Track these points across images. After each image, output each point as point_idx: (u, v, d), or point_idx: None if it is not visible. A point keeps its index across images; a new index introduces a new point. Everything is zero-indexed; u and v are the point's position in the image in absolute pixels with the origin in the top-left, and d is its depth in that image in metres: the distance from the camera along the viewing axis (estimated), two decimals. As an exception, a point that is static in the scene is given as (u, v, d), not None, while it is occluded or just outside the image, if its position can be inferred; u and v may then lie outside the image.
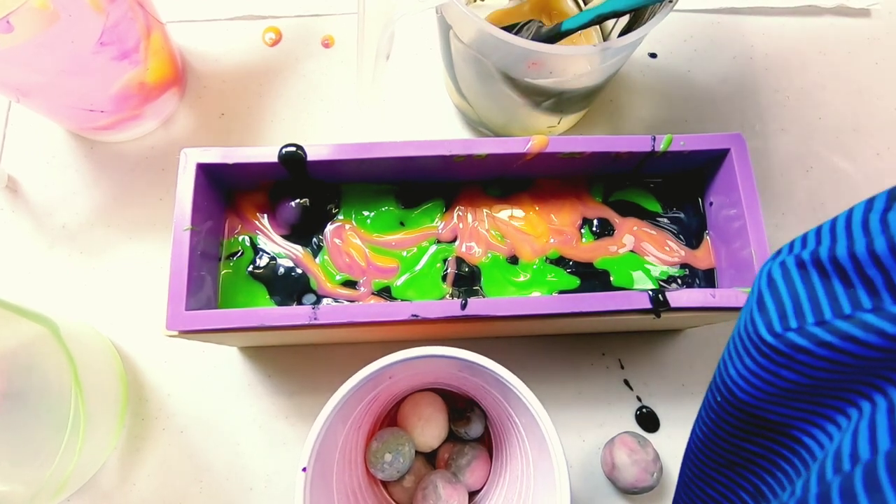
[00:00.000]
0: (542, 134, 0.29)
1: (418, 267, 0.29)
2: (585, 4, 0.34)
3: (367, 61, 0.27)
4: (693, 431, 0.20)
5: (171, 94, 0.36)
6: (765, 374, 0.15)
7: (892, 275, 0.13)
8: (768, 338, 0.15)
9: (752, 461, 0.18)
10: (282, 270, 0.29)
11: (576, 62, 0.27)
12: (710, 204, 0.30)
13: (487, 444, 0.31)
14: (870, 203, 0.14)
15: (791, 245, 0.16)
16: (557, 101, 0.30)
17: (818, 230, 0.15)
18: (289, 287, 0.29)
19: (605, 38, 0.34)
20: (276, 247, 0.29)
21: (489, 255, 0.30)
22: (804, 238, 0.16)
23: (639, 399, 0.33)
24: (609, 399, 0.33)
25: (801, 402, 0.15)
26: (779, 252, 0.16)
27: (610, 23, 0.33)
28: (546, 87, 0.29)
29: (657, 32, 0.38)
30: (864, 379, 0.14)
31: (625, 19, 0.31)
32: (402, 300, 0.29)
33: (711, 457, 0.19)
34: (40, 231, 0.34)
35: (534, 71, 0.27)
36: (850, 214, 0.14)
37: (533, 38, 0.28)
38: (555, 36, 0.29)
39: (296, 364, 0.33)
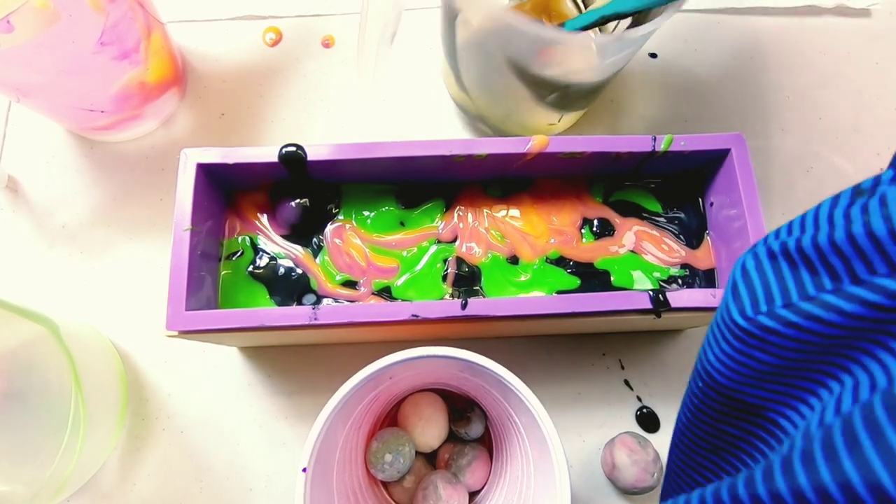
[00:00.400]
0: (541, 132, 0.29)
1: (418, 267, 0.29)
2: (586, 7, 0.34)
3: (367, 54, 0.27)
4: (678, 420, 0.21)
5: (172, 94, 0.36)
6: (740, 356, 0.16)
7: (852, 262, 0.14)
8: (741, 321, 0.16)
9: (733, 444, 0.19)
10: (282, 270, 0.29)
11: (586, 53, 0.27)
12: (711, 204, 0.30)
13: (488, 444, 0.31)
14: (836, 199, 0.15)
15: (766, 238, 0.17)
16: (562, 95, 0.30)
17: (790, 224, 0.16)
18: (289, 287, 0.29)
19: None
20: (276, 247, 0.29)
21: (489, 255, 0.30)
22: (777, 231, 0.17)
23: (639, 399, 0.33)
24: (609, 399, 0.33)
25: (773, 384, 0.16)
26: (755, 245, 0.17)
27: (611, 25, 0.33)
28: (553, 79, 0.29)
29: (657, 33, 0.38)
30: (830, 360, 0.15)
31: (626, 22, 0.31)
32: (402, 300, 0.29)
33: (697, 442, 0.20)
34: (40, 231, 0.34)
35: (543, 61, 0.27)
36: (818, 209, 0.16)
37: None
38: None
39: (296, 364, 0.33)
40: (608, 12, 0.27)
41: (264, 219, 0.30)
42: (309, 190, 0.30)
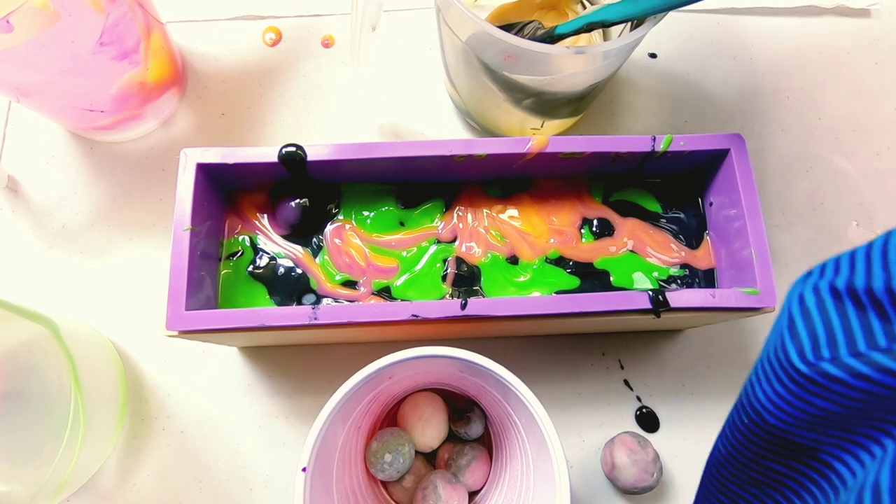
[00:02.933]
0: (525, 134, 0.29)
1: (418, 267, 0.29)
2: (591, 4, 0.34)
3: (354, 42, 0.29)
4: (716, 447, 0.20)
5: (171, 94, 0.36)
6: (796, 401, 0.15)
7: None
8: (801, 366, 0.15)
9: (778, 481, 0.18)
10: (282, 270, 0.29)
11: (553, 61, 0.27)
12: (710, 204, 0.30)
13: (487, 444, 0.31)
14: None
15: (822, 269, 0.16)
16: (537, 101, 0.30)
17: (852, 256, 0.15)
18: (289, 287, 0.29)
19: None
20: (276, 247, 0.29)
21: (489, 255, 0.30)
22: (837, 263, 0.15)
23: (639, 399, 0.33)
24: (609, 399, 0.33)
25: (833, 429, 0.15)
26: (809, 274, 0.16)
27: (615, 30, 0.33)
28: (524, 84, 0.29)
29: (657, 32, 0.38)
30: None
31: (627, 27, 0.31)
32: (402, 300, 0.29)
33: (736, 474, 0.19)
34: (40, 231, 0.34)
35: (510, 64, 0.27)
36: (886, 241, 0.14)
37: (531, 39, 0.28)
38: (549, 38, 0.29)
39: (296, 364, 0.33)
40: (594, 19, 0.27)
41: (264, 219, 0.30)
42: (309, 190, 0.30)
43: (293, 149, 0.27)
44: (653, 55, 0.39)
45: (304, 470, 0.21)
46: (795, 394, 0.15)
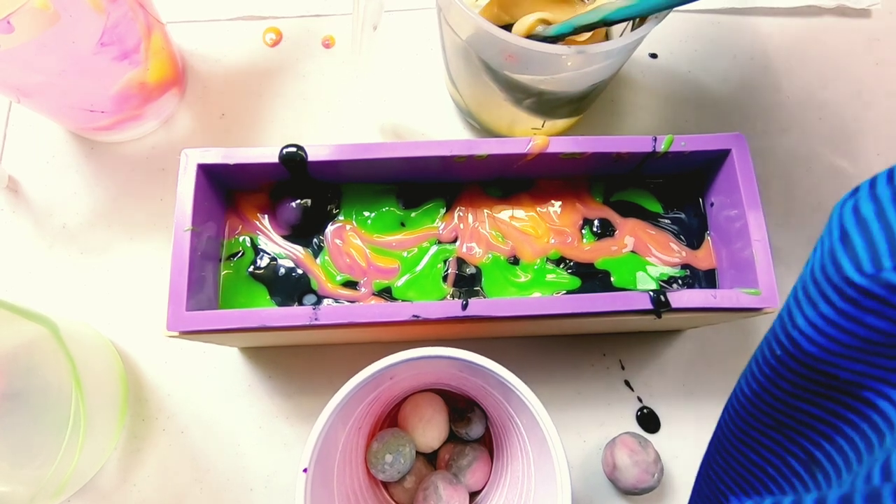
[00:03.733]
0: (526, 134, 0.29)
1: (419, 267, 0.29)
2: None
3: (355, 41, 0.29)
4: (737, 390, 0.18)
5: (172, 94, 0.36)
6: (845, 321, 0.14)
7: None
8: (857, 278, 0.13)
9: (807, 424, 0.16)
10: (282, 271, 0.29)
11: (553, 61, 0.27)
12: (711, 204, 0.30)
13: (488, 444, 0.31)
14: None
15: (873, 182, 0.14)
16: (538, 101, 0.30)
17: None
18: (289, 288, 0.29)
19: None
20: (276, 247, 0.29)
21: (490, 255, 0.30)
22: (890, 173, 0.14)
23: (639, 400, 0.33)
24: (610, 399, 0.33)
25: (882, 358, 0.14)
26: (857, 190, 0.14)
27: (616, 30, 0.33)
28: (525, 83, 0.29)
29: (657, 32, 0.38)
30: None
31: (628, 27, 0.31)
32: (402, 301, 0.29)
33: (759, 417, 0.17)
34: (40, 231, 0.34)
35: (511, 63, 0.27)
36: None
37: (532, 38, 0.28)
38: (548, 39, 0.29)
39: (296, 365, 0.33)
40: (595, 19, 0.27)
41: (265, 219, 0.30)
42: (309, 190, 0.30)
43: (294, 149, 0.27)
44: (653, 55, 0.39)
45: (304, 471, 0.21)
46: (845, 313, 0.14)
